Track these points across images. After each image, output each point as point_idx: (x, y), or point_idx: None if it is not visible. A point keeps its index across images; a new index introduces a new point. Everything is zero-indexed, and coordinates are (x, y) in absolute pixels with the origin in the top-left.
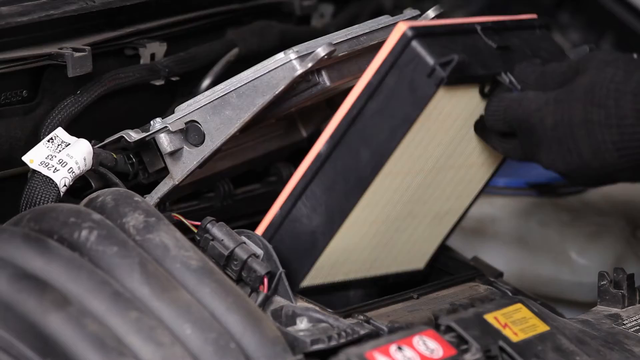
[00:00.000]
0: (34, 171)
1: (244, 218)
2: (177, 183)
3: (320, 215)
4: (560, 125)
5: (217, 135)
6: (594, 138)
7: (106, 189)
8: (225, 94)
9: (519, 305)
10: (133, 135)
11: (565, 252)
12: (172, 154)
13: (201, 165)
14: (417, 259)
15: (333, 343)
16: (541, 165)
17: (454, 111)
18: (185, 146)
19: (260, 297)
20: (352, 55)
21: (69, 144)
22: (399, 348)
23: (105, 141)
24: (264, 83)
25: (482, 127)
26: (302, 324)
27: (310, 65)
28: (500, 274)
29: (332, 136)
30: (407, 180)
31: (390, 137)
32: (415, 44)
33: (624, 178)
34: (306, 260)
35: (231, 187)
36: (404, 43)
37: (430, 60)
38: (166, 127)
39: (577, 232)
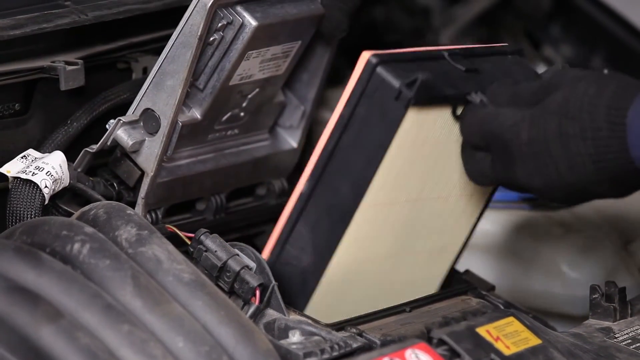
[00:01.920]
0: (14, 179)
1: (236, 231)
2: (152, 174)
3: (309, 255)
4: (535, 141)
5: (168, 109)
6: (570, 151)
7: (99, 202)
8: (159, 66)
9: (511, 318)
10: (94, 146)
11: (557, 266)
12: (137, 150)
13: (168, 150)
14: (420, 292)
15: (325, 356)
16: (516, 184)
17: (429, 136)
18: (146, 137)
19: (252, 309)
20: None
21: (42, 157)
22: None
23: (76, 162)
24: (186, 35)
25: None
26: (295, 337)
27: None
28: (492, 287)
29: (311, 174)
30: (393, 211)
31: (367, 166)
32: (380, 69)
33: (600, 192)
34: (299, 302)
35: (223, 201)
36: (369, 71)
37: (395, 82)
38: (119, 120)
39: (568, 246)
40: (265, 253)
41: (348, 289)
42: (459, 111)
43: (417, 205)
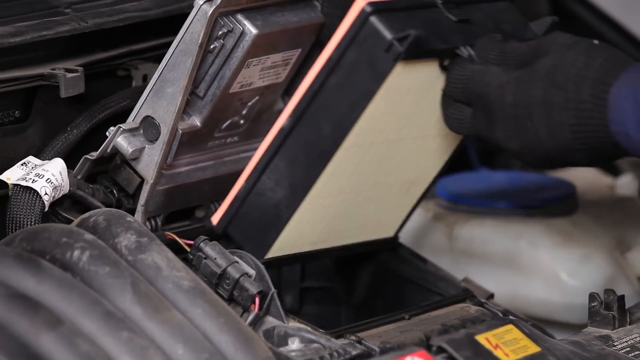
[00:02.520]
0: (14, 185)
1: None
2: (152, 181)
3: (284, 189)
4: (519, 104)
5: (168, 117)
6: (552, 119)
7: (98, 209)
8: (159, 74)
9: (510, 326)
10: (94, 153)
11: (556, 274)
12: (137, 157)
13: (167, 157)
14: (386, 228)
15: None
16: (493, 141)
17: (414, 85)
18: (146, 145)
19: (252, 316)
20: (272, 1)
21: (42, 164)
22: None
23: (76, 169)
24: (186, 42)
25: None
26: (294, 345)
27: (219, 1)
28: (491, 295)
29: (294, 111)
30: (370, 152)
31: (351, 111)
32: (373, 19)
33: (575, 161)
34: (271, 233)
35: None
36: (362, 19)
37: (388, 35)
38: (120, 127)
39: (567, 254)
40: (240, 181)
41: (319, 221)
42: (446, 63)
43: (393, 145)
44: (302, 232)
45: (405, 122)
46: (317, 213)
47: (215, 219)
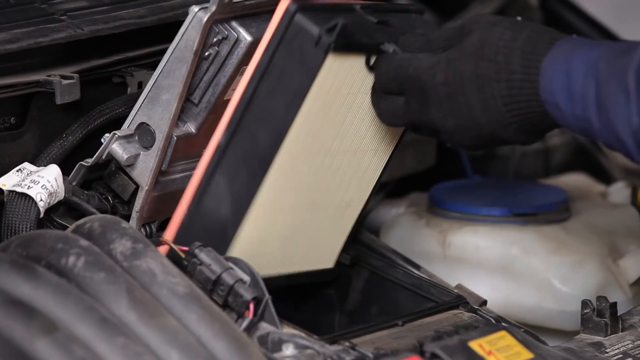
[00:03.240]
0: (9, 192)
1: None
2: (147, 188)
3: (227, 206)
4: (451, 81)
5: (163, 123)
6: (484, 92)
7: (94, 216)
8: (154, 81)
9: (503, 332)
10: (89, 160)
11: (548, 281)
12: (132, 164)
13: (163, 163)
14: (325, 257)
15: None
16: (428, 125)
17: (344, 85)
18: (141, 151)
19: (246, 322)
20: (266, 9)
21: (38, 171)
22: None
23: (71, 175)
24: (181, 50)
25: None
26: (288, 351)
27: (214, 8)
28: (484, 302)
29: (229, 124)
30: (307, 162)
31: (286, 112)
32: (299, 16)
33: (508, 137)
34: (218, 252)
35: None
36: (288, 18)
37: (315, 29)
38: (115, 134)
39: (560, 261)
40: (183, 206)
41: (263, 242)
42: (372, 61)
43: (328, 158)
44: (248, 254)
45: (337, 129)
46: (261, 233)
47: (167, 237)
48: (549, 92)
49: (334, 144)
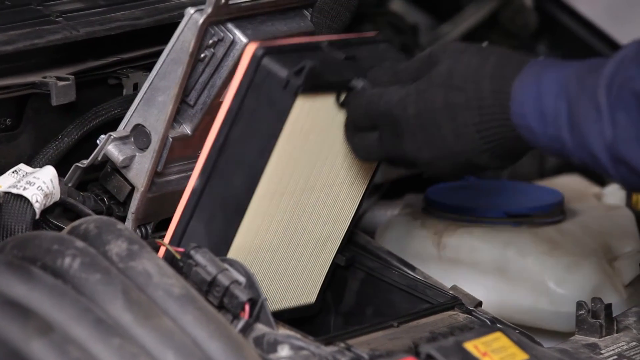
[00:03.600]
0: (5, 193)
1: None
2: (142, 189)
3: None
4: (423, 112)
5: (159, 125)
6: (456, 121)
7: (89, 217)
8: (150, 82)
9: (499, 334)
10: (85, 161)
11: (543, 282)
12: (127, 165)
13: (159, 164)
14: (307, 293)
15: None
16: (403, 158)
17: (316, 123)
18: (136, 153)
19: (241, 323)
20: (262, 11)
21: (33, 172)
22: None
23: (67, 177)
24: (177, 51)
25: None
26: (284, 352)
27: (210, 10)
28: (479, 303)
29: (202, 169)
30: (283, 201)
31: (259, 156)
32: (266, 60)
33: (483, 163)
34: None
35: None
36: (255, 62)
37: (283, 72)
38: (110, 135)
39: (555, 262)
40: (160, 253)
41: None
42: (342, 98)
43: (304, 195)
44: None
45: (311, 167)
46: None
47: None
48: (520, 115)
49: (310, 181)
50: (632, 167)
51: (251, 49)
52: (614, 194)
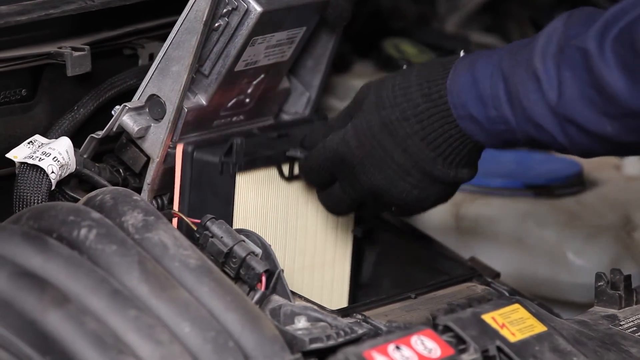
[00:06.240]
0: (21, 164)
1: None
2: (158, 159)
3: None
4: (364, 141)
5: (173, 95)
6: (397, 135)
7: (105, 188)
8: (164, 52)
9: (517, 305)
10: (100, 132)
11: (562, 253)
12: (142, 136)
13: (173, 135)
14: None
15: (331, 342)
16: (364, 193)
17: (269, 193)
18: (151, 123)
19: (258, 295)
20: None
21: (49, 143)
22: (397, 347)
23: (82, 148)
24: (191, 20)
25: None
26: (301, 323)
27: None
28: (497, 275)
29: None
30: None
31: (225, 217)
32: (197, 154)
33: (439, 171)
34: None
35: None
36: (188, 159)
37: (215, 157)
38: (125, 106)
39: (574, 233)
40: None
41: None
42: (286, 171)
43: (289, 257)
44: None
45: (286, 230)
46: None
47: None
48: (461, 105)
49: (289, 243)
50: (579, 124)
51: (180, 148)
52: (633, 164)
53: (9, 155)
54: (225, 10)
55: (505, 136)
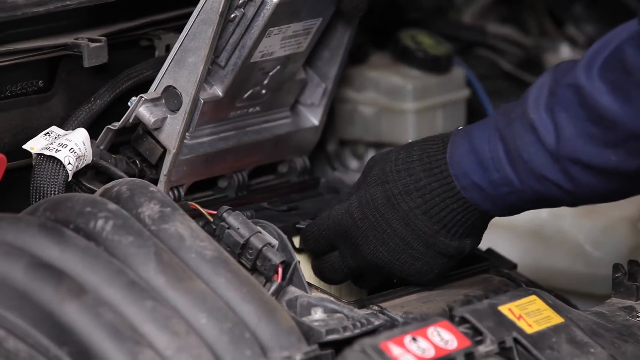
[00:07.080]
0: (38, 155)
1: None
2: (174, 151)
3: None
4: (368, 214)
5: (189, 86)
6: (400, 209)
7: (122, 179)
8: (180, 43)
9: (534, 297)
10: (116, 123)
11: (579, 245)
12: (159, 127)
13: (189, 127)
14: None
15: (348, 333)
16: (364, 266)
17: None
18: (168, 115)
19: (274, 286)
20: None
21: (66, 134)
22: (414, 339)
23: (99, 139)
24: (207, 12)
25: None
26: (317, 314)
27: None
28: (514, 266)
29: None
30: None
31: None
32: None
33: (442, 244)
34: None
35: (245, 178)
36: None
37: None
38: (141, 97)
39: (591, 225)
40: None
41: None
42: (297, 242)
43: None
44: None
45: None
46: None
47: None
48: (462, 175)
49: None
50: (582, 162)
51: None
52: None
53: (25, 146)
54: (241, 1)
55: (510, 199)
